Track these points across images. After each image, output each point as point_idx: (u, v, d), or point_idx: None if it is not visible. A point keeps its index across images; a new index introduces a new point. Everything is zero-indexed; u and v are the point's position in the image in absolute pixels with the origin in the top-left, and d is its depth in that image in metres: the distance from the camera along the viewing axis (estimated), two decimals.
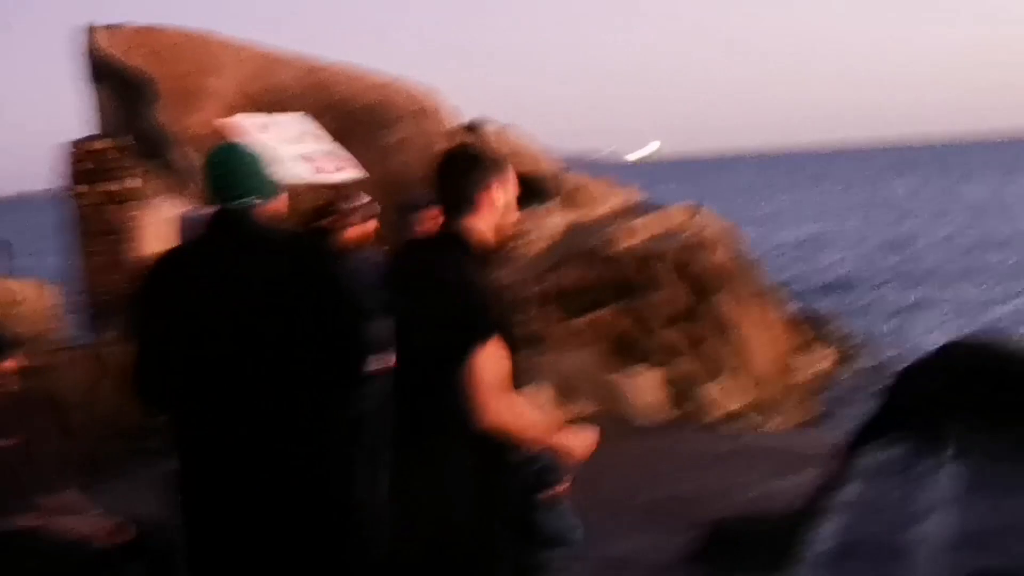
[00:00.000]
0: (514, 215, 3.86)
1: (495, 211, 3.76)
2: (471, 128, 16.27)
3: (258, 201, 3.93)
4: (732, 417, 13.84)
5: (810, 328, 18.21)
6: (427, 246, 3.89)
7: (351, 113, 14.72)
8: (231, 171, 3.95)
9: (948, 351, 6.12)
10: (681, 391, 14.07)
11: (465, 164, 3.80)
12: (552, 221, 15.56)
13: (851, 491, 5.02)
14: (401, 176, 13.65)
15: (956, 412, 5.59)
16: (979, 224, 47.11)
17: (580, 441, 3.88)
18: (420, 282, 3.75)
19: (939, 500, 4.61)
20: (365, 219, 5.91)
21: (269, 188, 3.99)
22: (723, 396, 14.33)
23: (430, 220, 7.47)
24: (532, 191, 14.52)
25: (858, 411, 14.32)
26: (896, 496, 4.83)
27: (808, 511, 5.37)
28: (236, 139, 4.33)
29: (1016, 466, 5.04)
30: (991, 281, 29.09)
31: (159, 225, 10.50)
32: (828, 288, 28.82)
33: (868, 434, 5.96)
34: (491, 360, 3.51)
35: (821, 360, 17.33)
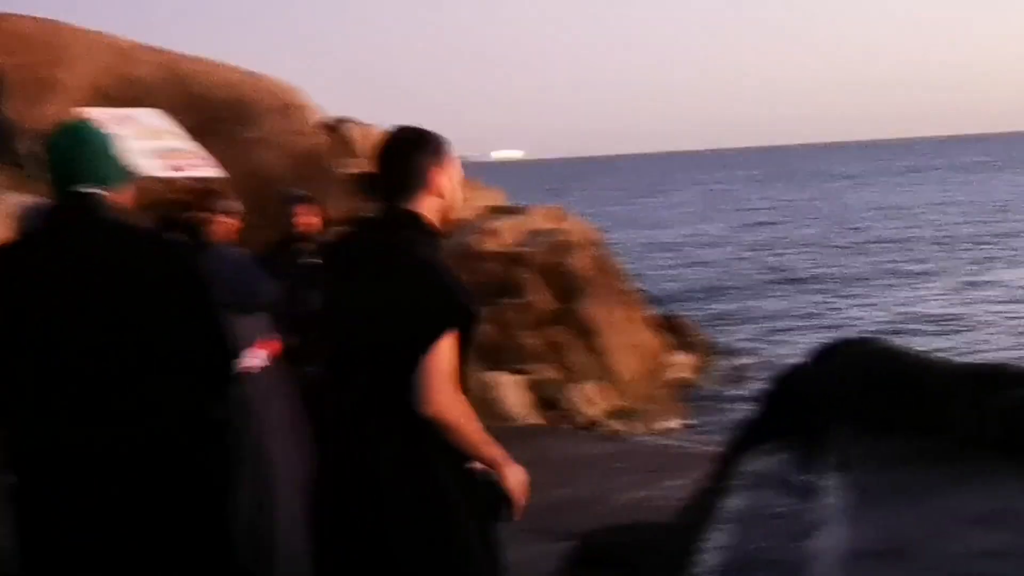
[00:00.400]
0: (458, 201, 3.68)
1: (439, 195, 3.58)
2: (334, 126, 15.95)
3: (106, 189, 3.58)
4: (599, 422, 13.73)
5: (674, 332, 18.24)
6: (375, 227, 3.62)
7: (210, 109, 14.32)
8: (77, 155, 3.60)
9: (830, 354, 5.99)
10: (546, 397, 13.93)
11: (409, 146, 3.61)
12: None
13: (737, 501, 4.83)
14: (262, 173, 13.31)
15: (839, 418, 5.46)
16: (844, 229, 48.16)
17: (517, 476, 3.62)
18: (373, 264, 3.51)
19: (829, 513, 4.45)
20: (227, 215, 5.60)
21: (118, 175, 3.65)
22: (589, 401, 14.21)
23: (304, 215, 7.30)
24: None
25: (725, 416, 14.42)
26: (784, 507, 4.66)
27: (692, 520, 5.19)
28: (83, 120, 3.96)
29: (902, 477, 4.92)
30: (850, 287, 29.57)
31: (2, 219, 10.01)
32: (692, 292, 29.04)
33: (749, 440, 5.81)
34: (449, 348, 3.34)
35: (685, 365, 17.36)
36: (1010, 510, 4.39)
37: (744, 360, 18.60)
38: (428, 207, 3.55)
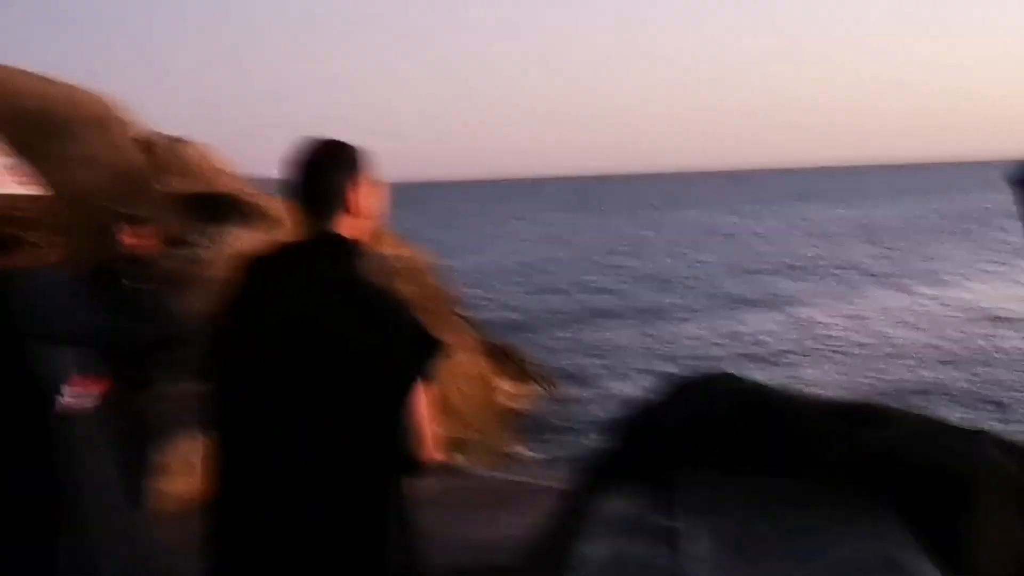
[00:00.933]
0: (380, 220, 3.36)
1: (364, 214, 3.23)
2: (147, 140, 15.34)
3: None
4: None
5: (508, 361, 18.04)
6: (303, 253, 3.19)
7: (18, 121, 13.57)
8: None
9: (687, 389, 5.80)
10: None
11: (331, 160, 3.23)
12: (232, 243, 14.72)
13: (596, 547, 4.55)
14: (77, 191, 12.67)
15: (700, 458, 5.25)
16: (675, 258, 48.87)
17: None
18: (314, 297, 3.07)
19: (697, 562, 4.19)
20: (48, 235, 5.11)
21: None
22: None
23: (132, 235, 6.86)
24: (210, 210, 13.79)
25: (562, 448, 14.24)
26: (648, 555, 4.39)
27: (546, 567, 4.92)
28: None
29: (770, 522, 4.72)
30: (678, 317, 29.84)
31: None
32: (525, 321, 28.94)
33: (601, 479, 5.55)
34: (429, 387, 3.01)
35: (519, 395, 17.18)
36: (884, 559, 4.22)
37: (579, 391, 18.49)
38: (351, 228, 3.20)
